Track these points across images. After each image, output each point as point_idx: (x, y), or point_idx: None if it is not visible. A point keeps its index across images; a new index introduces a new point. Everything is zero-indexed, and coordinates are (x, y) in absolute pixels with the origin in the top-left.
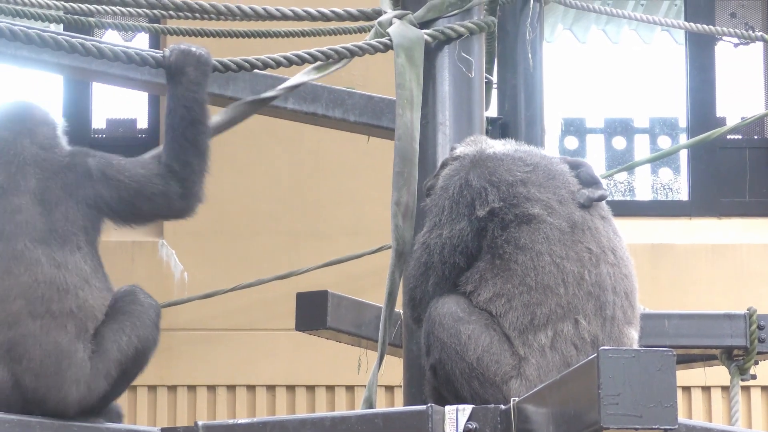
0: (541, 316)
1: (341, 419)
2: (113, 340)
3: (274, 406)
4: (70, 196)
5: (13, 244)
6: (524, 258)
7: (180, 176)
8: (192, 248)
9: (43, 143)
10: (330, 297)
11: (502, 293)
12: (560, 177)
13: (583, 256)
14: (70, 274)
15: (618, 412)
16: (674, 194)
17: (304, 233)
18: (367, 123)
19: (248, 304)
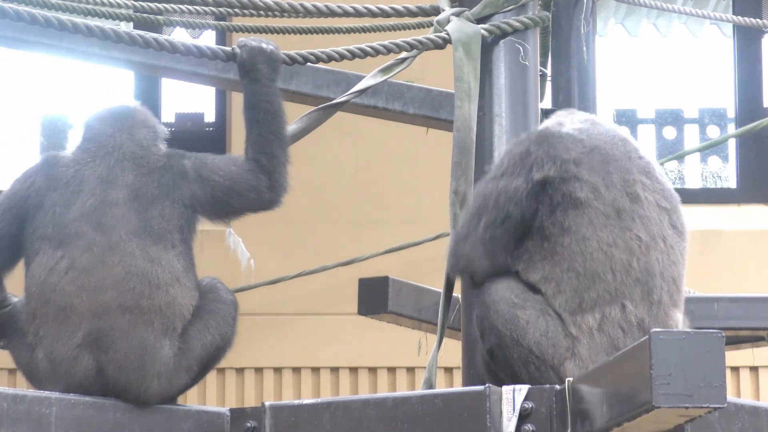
0: (589, 301)
1: (402, 400)
2: (198, 338)
3: (337, 388)
4: (166, 196)
5: (109, 235)
6: (569, 241)
7: (267, 169)
8: (258, 236)
9: (141, 142)
10: (391, 283)
11: (551, 277)
12: (616, 162)
13: (632, 244)
14: (162, 271)
15: (669, 391)
16: (723, 182)
17: (366, 222)
18: (425, 115)
19: (312, 290)
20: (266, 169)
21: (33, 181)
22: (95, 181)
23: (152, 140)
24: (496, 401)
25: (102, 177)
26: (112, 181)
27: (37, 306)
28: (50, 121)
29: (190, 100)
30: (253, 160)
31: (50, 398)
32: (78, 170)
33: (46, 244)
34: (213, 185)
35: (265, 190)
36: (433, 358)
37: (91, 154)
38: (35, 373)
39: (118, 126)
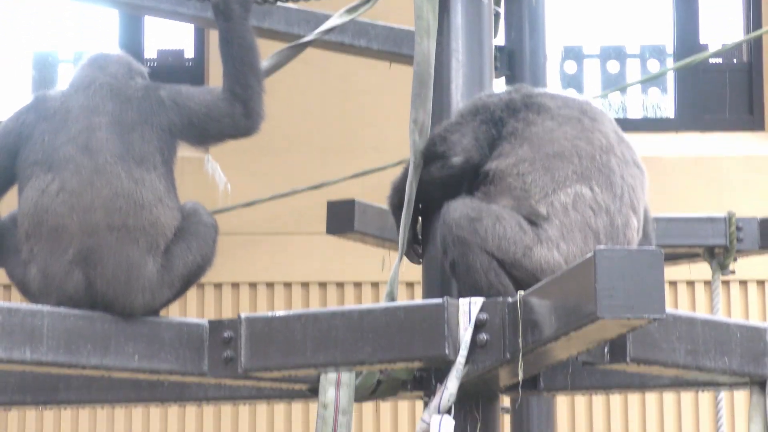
0: (560, 178)
1: (367, 311)
2: (181, 257)
3: (308, 301)
4: (145, 121)
5: (95, 158)
6: (537, 130)
7: (242, 98)
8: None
9: (115, 74)
10: (357, 205)
11: (525, 158)
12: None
13: (594, 141)
14: (146, 191)
15: (612, 303)
16: (662, 112)
17: (334, 149)
18: (388, 51)
19: (285, 212)
20: (241, 98)
21: (24, 117)
22: (79, 109)
23: (125, 73)
24: (453, 313)
25: (84, 105)
26: (94, 108)
27: (30, 226)
28: (41, 57)
29: (171, 37)
30: (229, 90)
31: (42, 311)
32: (63, 102)
33: (37, 169)
34: (189, 112)
35: (240, 117)
36: (394, 273)
37: (73, 89)
38: (28, 287)
39: (94, 65)
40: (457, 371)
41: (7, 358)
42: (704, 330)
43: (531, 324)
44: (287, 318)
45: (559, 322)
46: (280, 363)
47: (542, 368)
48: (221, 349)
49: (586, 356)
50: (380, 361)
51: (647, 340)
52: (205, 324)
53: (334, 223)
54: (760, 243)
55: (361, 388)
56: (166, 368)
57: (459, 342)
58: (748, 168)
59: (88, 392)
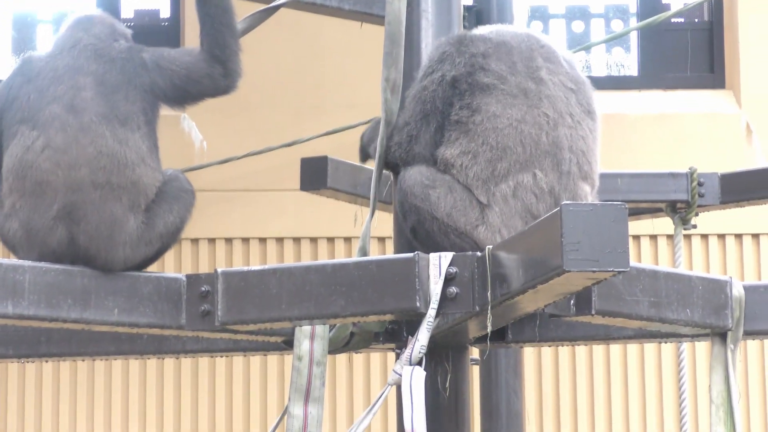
0: (502, 170)
1: (340, 266)
2: (162, 218)
3: (282, 256)
4: (128, 82)
5: (80, 117)
6: (480, 118)
7: (221, 58)
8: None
9: (99, 36)
10: (329, 162)
11: (468, 150)
12: (520, 53)
13: (540, 120)
14: (129, 151)
15: (578, 257)
16: (625, 70)
17: (307, 107)
18: (359, 11)
19: (259, 169)
20: (220, 59)
21: (11, 81)
22: (63, 69)
23: (109, 35)
24: (424, 267)
25: (69, 65)
26: (79, 68)
27: (14, 181)
28: (20, 17)
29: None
30: (208, 51)
31: (23, 266)
32: (48, 62)
33: (23, 127)
34: (171, 74)
35: (219, 77)
36: (366, 228)
37: (58, 50)
38: (10, 240)
39: (78, 27)
40: (427, 324)
41: None
42: (667, 283)
43: (499, 278)
44: (262, 272)
45: (526, 275)
46: (256, 316)
47: (510, 320)
48: (198, 303)
49: (553, 309)
50: (353, 314)
51: (612, 293)
52: (182, 278)
53: (308, 180)
54: (720, 198)
55: (334, 340)
56: (144, 322)
57: (429, 295)
58: (710, 125)
59: (69, 345)
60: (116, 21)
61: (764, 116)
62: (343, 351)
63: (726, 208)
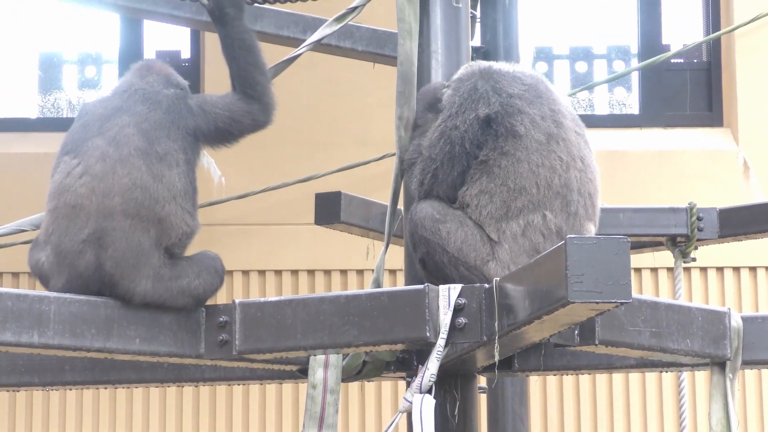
0: (515, 209)
1: (354, 297)
2: (187, 276)
3: (297, 287)
4: (172, 123)
5: (121, 149)
6: (506, 162)
7: (255, 96)
8: (228, 157)
9: (151, 84)
10: (343, 197)
11: (487, 190)
12: (545, 96)
13: (555, 164)
14: (162, 187)
15: (582, 288)
16: (627, 109)
17: (321, 144)
18: (372, 52)
19: (275, 203)
20: (254, 96)
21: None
22: (112, 109)
23: (161, 83)
24: (434, 298)
25: (117, 106)
26: (126, 109)
27: (52, 204)
28: (47, 57)
29: (169, 38)
30: (241, 91)
31: (49, 297)
32: (99, 104)
33: (67, 157)
34: (215, 117)
35: (258, 113)
36: (380, 261)
37: (112, 94)
38: (41, 269)
39: (135, 74)
40: (437, 353)
41: (16, 342)
42: (668, 314)
43: (506, 308)
44: (278, 303)
45: (532, 306)
46: (272, 345)
47: (516, 350)
48: (217, 332)
49: (558, 338)
50: (365, 343)
51: (614, 324)
52: (201, 309)
53: (322, 214)
54: (719, 232)
55: (347, 368)
56: (165, 351)
57: (439, 325)
58: (708, 161)
59: (92, 374)
60: (173, 71)
61: (761, 153)
62: (356, 379)
63: (724, 242)
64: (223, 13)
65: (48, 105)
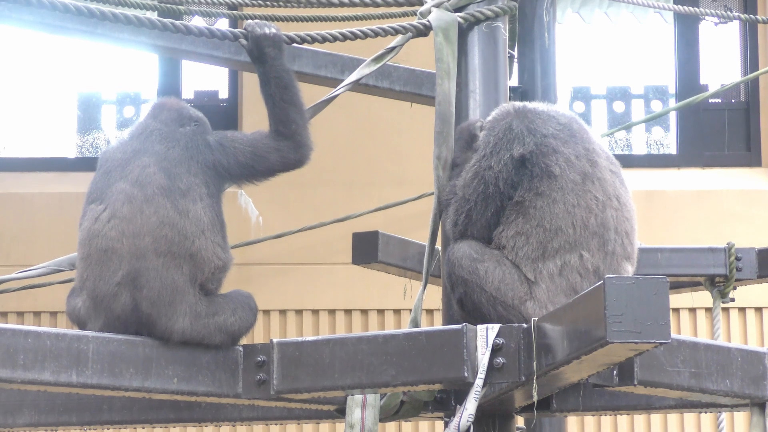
0: (551, 250)
1: (391, 336)
2: (223, 312)
3: (334, 327)
4: (191, 158)
5: (145, 190)
6: (542, 203)
7: (287, 133)
8: (265, 197)
9: (165, 121)
10: (380, 236)
11: (523, 232)
12: (579, 135)
13: (590, 203)
14: (189, 222)
15: (621, 329)
16: (665, 149)
17: (359, 184)
18: (410, 92)
19: (312, 243)
20: (286, 134)
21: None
22: (131, 152)
23: (175, 120)
24: (472, 338)
25: (136, 149)
26: (145, 150)
27: (84, 251)
28: (86, 97)
29: (207, 79)
30: (273, 128)
31: (87, 336)
32: (118, 148)
33: (92, 205)
34: (235, 152)
35: (287, 151)
36: (418, 301)
37: (130, 137)
38: (77, 315)
39: (149, 115)
40: (475, 393)
41: (55, 381)
42: (707, 354)
43: (545, 348)
44: (316, 343)
45: (570, 346)
46: (310, 385)
47: (555, 390)
48: (255, 372)
49: (596, 378)
50: (403, 383)
51: (653, 364)
52: (239, 348)
53: (359, 254)
54: (758, 272)
55: (385, 408)
56: (203, 390)
57: (477, 365)
58: (746, 201)
59: (130, 413)
60: (186, 106)
61: None
62: (394, 419)
63: (763, 282)
64: (262, 53)
65: (86, 144)
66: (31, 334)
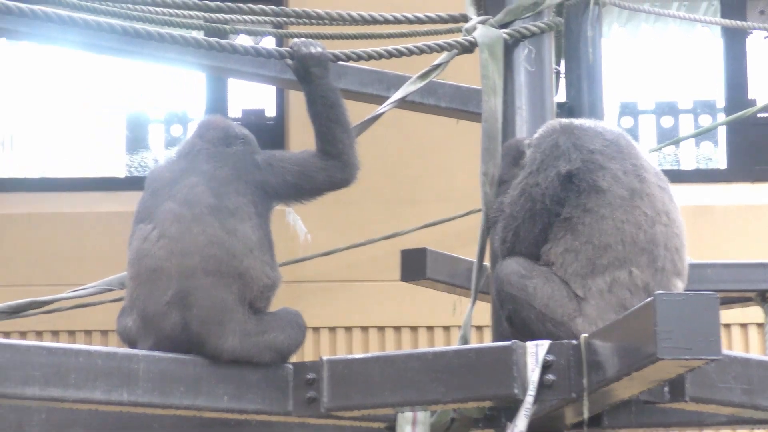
0: (600, 267)
1: (441, 353)
2: (273, 331)
3: (384, 344)
4: (239, 178)
5: (193, 209)
6: (590, 220)
7: (333, 153)
8: (314, 214)
9: (212, 140)
10: (428, 253)
11: (572, 249)
12: (627, 151)
13: (639, 219)
14: (238, 241)
15: (671, 345)
16: (714, 164)
17: (406, 201)
18: (456, 108)
19: (361, 260)
20: (333, 154)
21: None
22: (179, 173)
23: (222, 139)
24: (522, 354)
25: (183, 169)
26: (192, 170)
27: (133, 270)
28: (134, 117)
29: (253, 97)
30: (320, 148)
31: (138, 355)
32: (166, 168)
33: (141, 224)
34: (283, 171)
35: (334, 170)
36: (467, 318)
37: (177, 156)
38: (128, 335)
39: (195, 133)
40: (525, 410)
41: (106, 400)
42: (759, 370)
43: (595, 365)
44: (366, 360)
45: (621, 363)
46: (360, 402)
47: (606, 407)
48: (305, 389)
49: (647, 395)
50: (453, 400)
51: (705, 380)
52: (289, 366)
53: (408, 271)
54: None
55: (435, 426)
56: (253, 408)
57: (527, 382)
58: None
59: (181, 431)
60: (232, 124)
61: None
62: None
63: None
64: (308, 72)
65: (135, 164)
66: (82, 353)
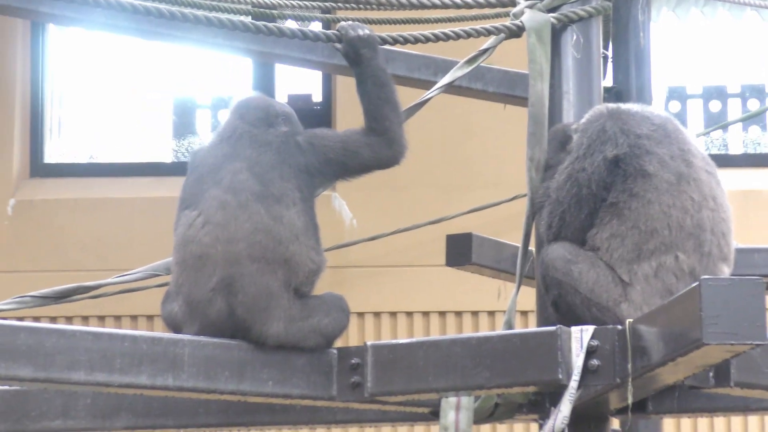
0: (646, 252)
1: (485, 339)
2: (318, 315)
3: (428, 329)
4: (282, 162)
5: (238, 196)
6: (636, 204)
7: (380, 130)
8: (359, 199)
9: (253, 122)
10: (474, 238)
11: (618, 234)
12: (674, 135)
13: (686, 204)
14: (284, 228)
15: (717, 330)
16: (762, 148)
17: (452, 185)
18: (503, 93)
19: (406, 245)
20: (378, 130)
21: (185, 180)
22: (222, 157)
23: (263, 120)
24: (566, 340)
25: (226, 153)
26: (235, 155)
27: (179, 256)
28: (181, 102)
29: (300, 82)
30: (367, 125)
31: (183, 340)
32: (209, 152)
33: (186, 211)
34: (325, 149)
35: (379, 146)
36: (512, 303)
37: (218, 139)
38: (173, 320)
39: (236, 114)
40: (570, 395)
41: (151, 385)
42: None
43: (640, 350)
44: (410, 345)
45: (666, 348)
46: (404, 387)
47: (650, 392)
48: (349, 374)
49: (692, 380)
50: (497, 385)
51: (750, 365)
52: (334, 351)
53: (453, 256)
54: None
55: (479, 410)
56: (297, 393)
57: (572, 367)
58: None
59: (226, 416)
60: (271, 102)
61: None
62: (488, 421)
63: None
64: (358, 54)
65: (182, 149)
66: (127, 338)
